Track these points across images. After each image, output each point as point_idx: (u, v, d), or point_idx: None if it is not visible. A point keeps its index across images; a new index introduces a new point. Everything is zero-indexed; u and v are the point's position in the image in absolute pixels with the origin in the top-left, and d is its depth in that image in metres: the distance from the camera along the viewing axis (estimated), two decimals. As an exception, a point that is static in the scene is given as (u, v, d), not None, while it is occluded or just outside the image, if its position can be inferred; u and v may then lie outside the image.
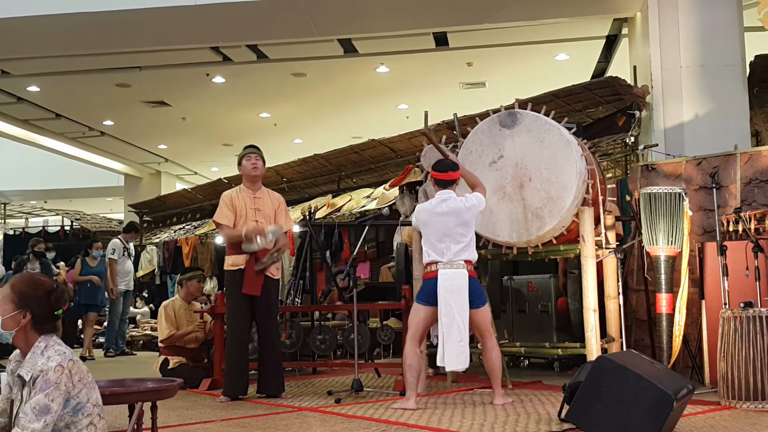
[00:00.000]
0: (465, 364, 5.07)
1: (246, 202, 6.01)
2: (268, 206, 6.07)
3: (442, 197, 5.23)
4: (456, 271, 5.07)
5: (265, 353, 5.94)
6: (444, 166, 5.31)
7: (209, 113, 14.02)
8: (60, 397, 2.81)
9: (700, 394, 5.22)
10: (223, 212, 5.99)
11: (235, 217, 5.97)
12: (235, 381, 5.86)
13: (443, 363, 5.03)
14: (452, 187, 5.28)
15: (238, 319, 5.92)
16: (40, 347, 2.91)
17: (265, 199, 6.10)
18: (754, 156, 6.37)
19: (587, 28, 10.12)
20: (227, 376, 5.92)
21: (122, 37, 9.55)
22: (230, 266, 5.96)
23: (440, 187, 5.29)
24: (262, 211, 6.01)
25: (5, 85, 12.03)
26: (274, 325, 6.03)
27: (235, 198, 6.03)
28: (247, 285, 5.80)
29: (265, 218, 6.00)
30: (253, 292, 5.81)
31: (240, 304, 5.88)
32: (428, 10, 8.99)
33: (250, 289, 5.80)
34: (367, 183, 10.75)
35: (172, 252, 13.13)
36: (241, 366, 5.91)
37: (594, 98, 8.10)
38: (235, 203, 5.99)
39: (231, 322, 5.99)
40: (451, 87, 12.55)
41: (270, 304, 5.95)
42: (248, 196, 6.04)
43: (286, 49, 10.56)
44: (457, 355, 4.99)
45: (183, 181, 19.85)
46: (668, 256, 5.83)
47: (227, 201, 6.02)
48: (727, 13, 7.85)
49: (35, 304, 2.94)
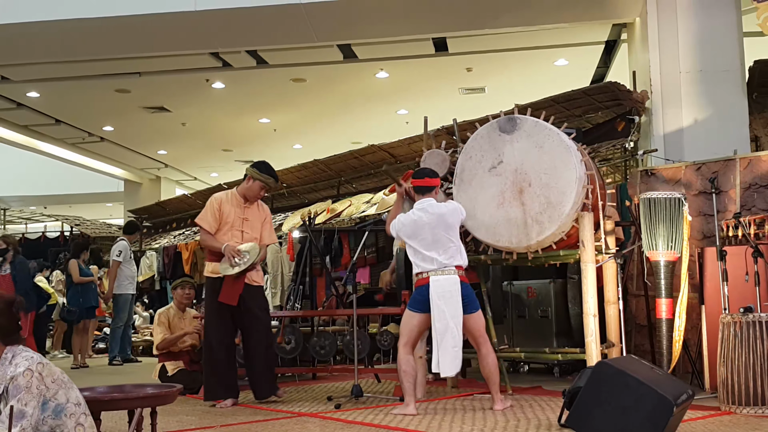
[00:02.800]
0: (457, 369, 5.10)
1: (236, 210, 5.96)
2: (256, 217, 6.05)
3: (422, 206, 5.27)
4: (448, 277, 5.08)
5: (252, 360, 5.90)
6: (422, 173, 5.41)
7: (209, 119, 14.03)
8: (34, 400, 2.79)
9: (700, 399, 5.21)
10: (206, 217, 5.93)
11: (220, 223, 5.91)
12: (211, 385, 5.84)
13: (438, 369, 5.03)
14: (431, 193, 5.33)
15: (215, 324, 5.86)
16: (8, 358, 2.91)
17: (254, 210, 6.06)
18: (753, 161, 6.37)
19: (586, 33, 10.14)
20: (205, 380, 5.91)
21: (122, 43, 9.56)
22: (209, 273, 5.91)
23: (419, 194, 5.35)
24: (249, 222, 5.99)
25: (5, 90, 12.05)
26: (261, 332, 5.93)
27: (225, 204, 5.96)
28: (225, 294, 5.76)
29: (252, 229, 5.98)
30: (230, 301, 5.76)
31: (218, 310, 5.83)
32: (427, 16, 9.01)
33: (226, 299, 5.76)
34: (367, 188, 10.75)
35: (171, 258, 13.11)
36: (216, 369, 5.85)
37: (593, 103, 8.11)
38: (224, 209, 5.93)
39: (207, 327, 5.94)
40: (450, 92, 12.56)
41: (251, 311, 5.87)
42: (239, 205, 6.00)
43: (286, 54, 10.57)
44: (452, 361, 5.00)
45: (183, 186, 19.87)
46: (668, 261, 5.82)
47: (215, 206, 5.94)
48: (726, 18, 7.86)
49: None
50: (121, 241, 10.22)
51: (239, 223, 5.93)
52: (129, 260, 10.13)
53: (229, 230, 5.90)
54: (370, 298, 9.26)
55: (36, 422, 2.82)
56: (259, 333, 5.91)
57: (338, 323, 8.72)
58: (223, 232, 5.91)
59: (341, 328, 8.03)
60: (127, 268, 10.07)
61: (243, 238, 5.92)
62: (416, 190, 5.37)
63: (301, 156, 13.51)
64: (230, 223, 5.91)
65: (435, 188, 5.37)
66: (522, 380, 6.92)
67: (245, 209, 6.01)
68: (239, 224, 5.93)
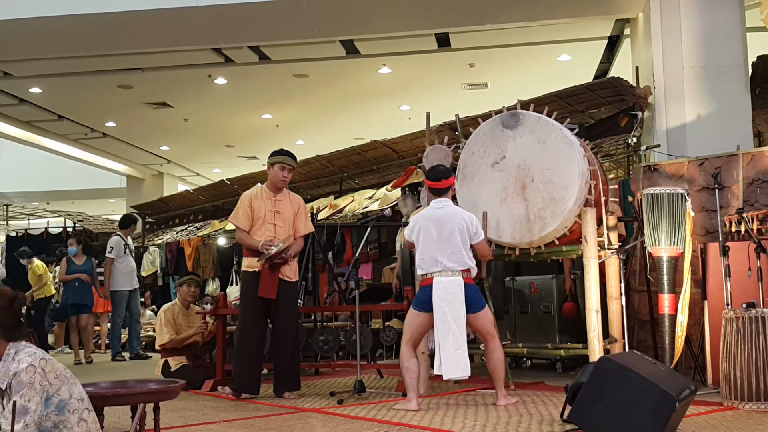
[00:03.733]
0: (465, 372, 4.97)
1: (266, 204, 5.96)
2: (287, 210, 6.02)
3: (437, 205, 5.23)
4: (451, 278, 5.04)
5: (282, 354, 5.91)
6: (437, 173, 5.28)
7: (211, 114, 14.03)
8: (37, 396, 2.80)
9: (702, 394, 5.21)
10: (239, 216, 5.95)
11: (252, 219, 5.94)
12: (244, 378, 5.87)
13: (440, 371, 4.97)
14: (446, 194, 5.27)
15: (250, 317, 5.91)
16: (11, 354, 2.92)
17: (285, 202, 6.04)
18: (756, 156, 6.36)
19: (589, 28, 10.12)
20: (236, 373, 5.93)
21: (124, 39, 9.57)
22: (246, 267, 5.96)
23: (435, 195, 5.28)
24: (281, 215, 5.97)
25: (7, 86, 12.05)
26: (292, 327, 5.98)
27: (255, 199, 5.97)
28: (263, 288, 5.80)
29: (284, 222, 5.96)
30: (269, 295, 5.81)
31: (254, 304, 5.87)
32: (430, 11, 8.99)
33: (265, 293, 5.81)
34: (370, 184, 10.75)
35: (174, 253, 13.13)
36: (249, 363, 5.90)
37: (596, 99, 8.10)
38: (254, 205, 5.94)
39: (242, 319, 5.98)
40: (453, 88, 12.55)
41: (286, 306, 5.92)
42: (269, 198, 6.00)
43: (288, 50, 10.56)
44: (454, 363, 4.92)
45: (185, 182, 19.87)
46: (671, 257, 5.82)
47: (246, 203, 5.96)
48: (729, 13, 7.84)
49: (0, 314, 2.94)
50: (114, 236, 10.04)
51: (271, 216, 5.93)
52: (123, 256, 9.86)
53: (262, 225, 5.91)
54: (372, 294, 9.26)
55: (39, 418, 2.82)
56: (290, 330, 5.95)
57: (341, 319, 8.72)
58: (257, 227, 5.92)
59: (344, 324, 8.03)
60: (121, 263, 9.85)
61: (276, 231, 5.91)
62: (431, 191, 5.29)
63: (303, 152, 13.42)
64: (262, 217, 5.92)
65: (450, 188, 5.31)
66: (525, 376, 6.92)
67: (276, 202, 5.99)
68: (271, 218, 5.93)
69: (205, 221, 13.31)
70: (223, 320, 6.69)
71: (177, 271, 12.79)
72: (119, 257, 9.85)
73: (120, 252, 9.85)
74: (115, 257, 9.78)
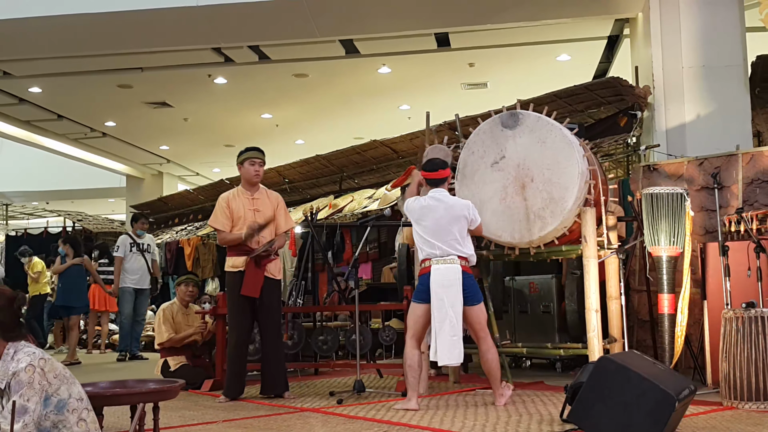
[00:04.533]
0: (459, 359, 5.05)
1: (244, 203, 5.99)
2: (267, 207, 6.04)
3: (435, 195, 5.27)
4: (449, 266, 5.08)
5: (267, 354, 5.95)
6: (433, 165, 5.35)
7: (211, 114, 14.03)
8: (36, 395, 2.80)
9: (702, 394, 5.21)
10: (218, 218, 5.98)
11: (233, 220, 5.95)
12: (233, 382, 5.88)
13: (435, 357, 5.02)
14: (443, 185, 5.32)
15: (238, 320, 5.92)
16: (9, 354, 2.91)
17: (263, 199, 6.07)
18: (755, 156, 6.36)
19: (589, 28, 10.12)
20: (227, 377, 5.94)
21: (124, 38, 9.56)
22: (230, 268, 5.96)
23: (432, 186, 5.34)
24: (261, 212, 5.99)
25: (7, 86, 12.05)
26: (276, 326, 6.03)
27: (232, 200, 6.00)
28: (246, 287, 5.80)
29: (265, 219, 5.98)
30: (252, 293, 5.80)
31: (240, 305, 5.88)
32: (430, 11, 8.99)
33: (249, 291, 5.80)
34: (369, 184, 10.75)
35: (174, 253, 13.14)
36: (239, 367, 5.92)
37: (596, 99, 8.10)
38: (232, 206, 5.97)
39: (231, 323, 6.01)
40: (452, 88, 12.55)
41: (271, 305, 5.94)
42: (246, 197, 6.02)
43: (288, 49, 10.56)
44: (450, 350, 4.97)
45: (185, 182, 19.87)
46: (670, 257, 5.82)
47: (224, 205, 5.99)
48: (728, 13, 7.84)
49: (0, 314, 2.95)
50: (123, 235, 10.16)
51: (251, 214, 5.95)
52: (129, 254, 9.92)
53: (243, 224, 5.92)
54: (372, 294, 9.26)
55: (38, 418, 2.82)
56: (275, 329, 5.98)
57: (340, 318, 8.73)
58: (238, 227, 5.94)
59: (343, 324, 8.03)
60: (127, 262, 9.90)
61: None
62: (428, 182, 5.36)
63: (303, 151, 13.49)
64: (242, 217, 5.94)
65: (446, 179, 5.37)
66: (524, 375, 6.93)
67: (254, 200, 6.02)
68: (251, 216, 5.95)
69: (205, 221, 13.28)
70: (223, 320, 6.68)
71: (176, 270, 12.80)
72: (125, 255, 9.91)
73: (126, 250, 9.91)
74: (122, 255, 9.86)
